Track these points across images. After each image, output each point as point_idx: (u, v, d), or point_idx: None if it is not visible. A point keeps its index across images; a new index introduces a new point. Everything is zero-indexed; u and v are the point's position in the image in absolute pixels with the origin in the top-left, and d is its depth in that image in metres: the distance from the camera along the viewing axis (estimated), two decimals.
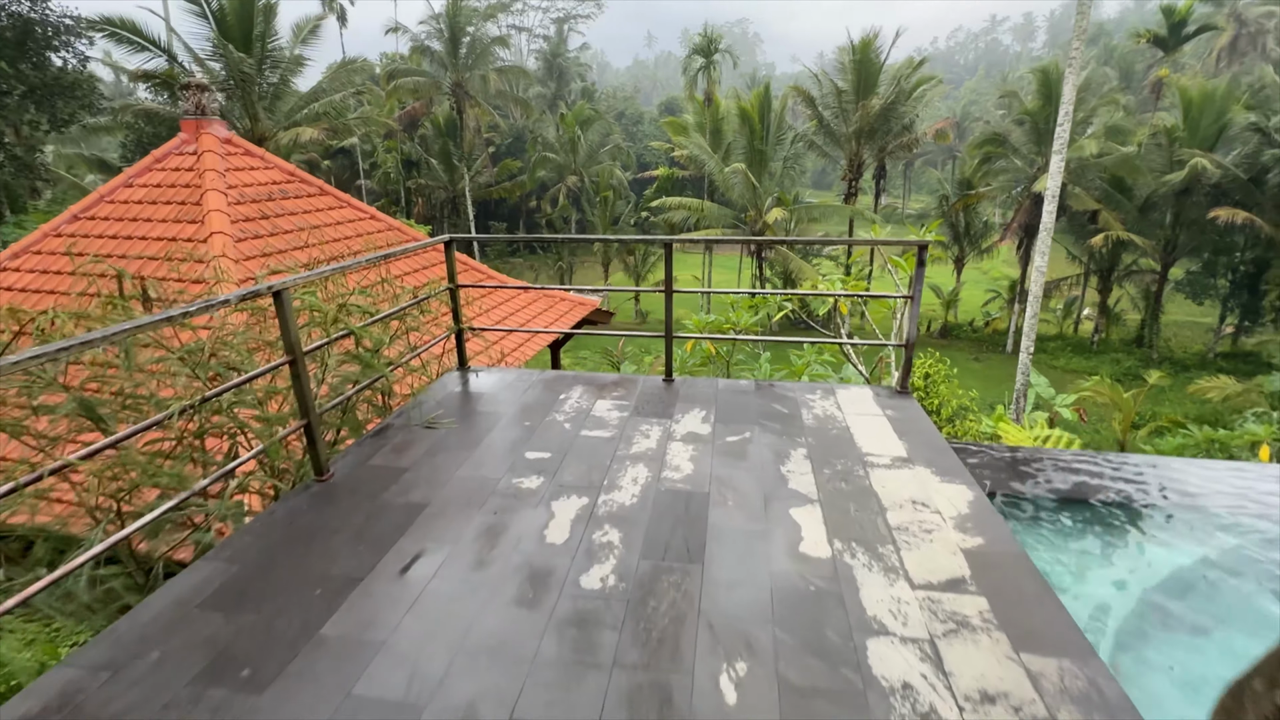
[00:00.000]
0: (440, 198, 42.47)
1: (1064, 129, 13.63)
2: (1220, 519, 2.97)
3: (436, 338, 3.77)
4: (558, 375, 3.55)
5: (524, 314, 9.07)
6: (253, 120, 23.71)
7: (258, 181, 7.35)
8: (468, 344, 4.42)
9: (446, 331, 3.86)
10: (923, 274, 3.12)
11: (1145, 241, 29.00)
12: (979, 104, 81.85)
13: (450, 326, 3.86)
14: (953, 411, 12.56)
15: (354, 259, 2.95)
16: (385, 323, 3.34)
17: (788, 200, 34.14)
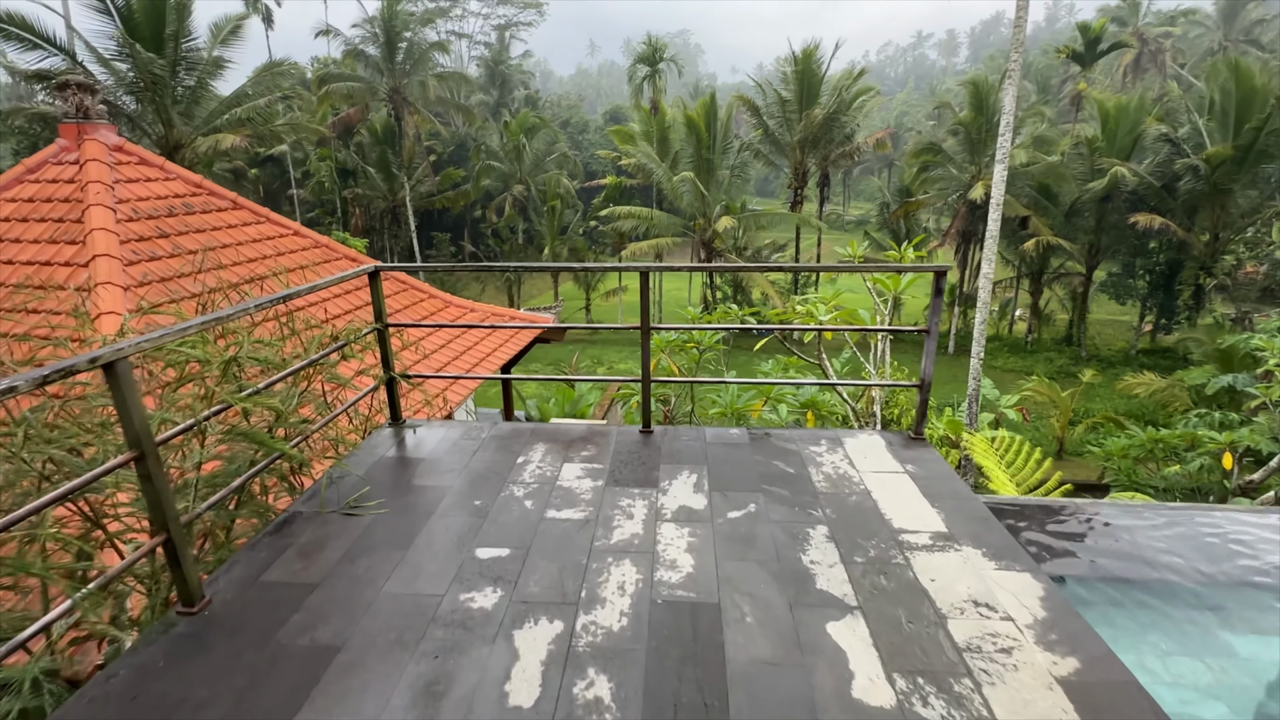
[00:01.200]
0: (380, 207, 40.72)
1: (1005, 139, 13.89)
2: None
3: (361, 392, 3.07)
4: (513, 430, 2.93)
5: (470, 336, 8.34)
6: (167, 126, 21.89)
7: (155, 195, 6.39)
8: (405, 390, 3.75)
9: (375, 383, 3.16)
10: (940, 305, 2.70)
11: (1072, 245, 30.49)
12: (910, 115, 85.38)
13: (379, 375, 3.17)
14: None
15: (240, 306, 2.26)
16: (295, 378, 2.66)
17: (735, 208, 34.30)
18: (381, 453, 2.78)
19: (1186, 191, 26.75)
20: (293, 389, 2.62)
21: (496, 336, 8.68)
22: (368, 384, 3.21)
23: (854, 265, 2.73)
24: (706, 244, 33.79)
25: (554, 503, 2.30)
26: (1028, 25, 14.04)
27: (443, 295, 8.87)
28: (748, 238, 36.58)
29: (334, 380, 2.83)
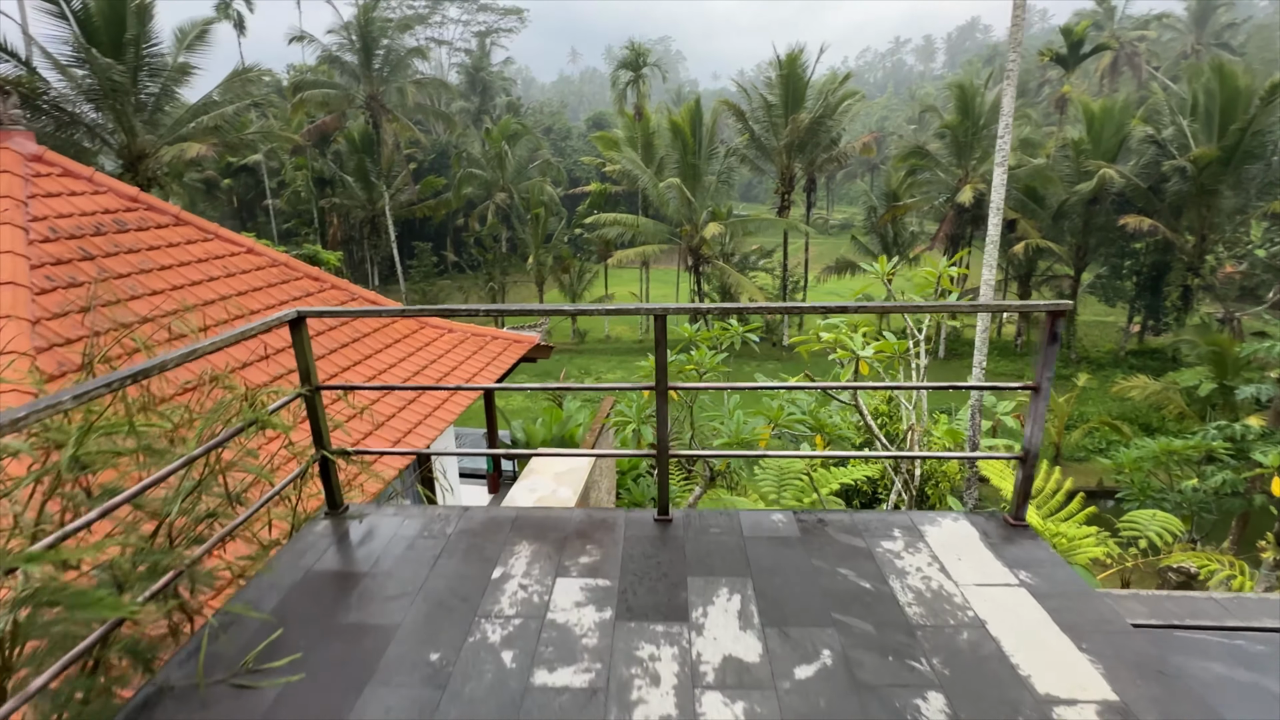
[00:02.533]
0: (358, 217, 39.71)
1: (1005, 140, 13.44)
2: None
3: (279, 484, 2.28)
4: (489, 521, 2.21)
5: (447, 361, 7.59)
6: (129, 135, 20.87)
7: (80, 211, 5.59)
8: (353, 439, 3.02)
9: (298, 469, 2.43)
10: (1054, 353, 2.06)
11: (1060, 248, 30.38)
12: (891, 119, 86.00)
13: (310, 454, 2.38)
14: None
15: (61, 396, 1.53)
16: (187, 470, 1.93)
17: (722, 214, 33.82)
18: (310, 561, 2.04)
19: (1174, 193, 26.70)
20: (180, 489, 1.88)
21: (476, 360, 7.94)
22: (300, 460, 2.48)
23: (941, 305, 2.01)
24: (694, 250, 33.25)
25: (544, 654, 1.59)
26: (1002, 31, 13.60)
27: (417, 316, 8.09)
28: (735, 243, 36.14)
29: (248, 471, 2.10)
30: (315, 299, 6.99)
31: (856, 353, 3.31)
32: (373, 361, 6.74)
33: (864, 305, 2.21)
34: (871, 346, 3.36)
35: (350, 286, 7.58)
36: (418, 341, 7.68)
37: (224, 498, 2.05)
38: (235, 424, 2.11)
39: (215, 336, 1.93)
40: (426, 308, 1.97)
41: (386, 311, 1.99)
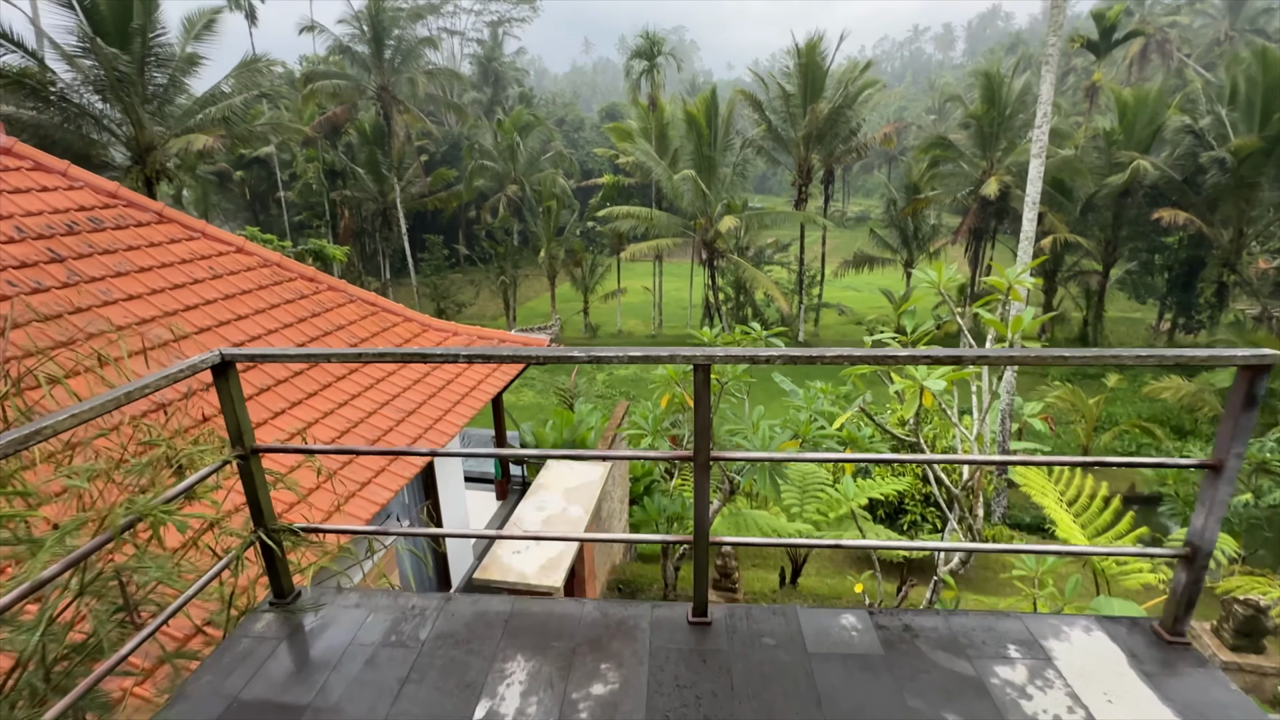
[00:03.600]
0: (370, 210, 39.46)
1: (1042, 131, 12.70)
2: None
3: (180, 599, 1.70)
4: (476, 618, 1.67)
5: (451, 367, 7.10)
6: (136, 127, 20.61)
7: (51, 209, 5.15)
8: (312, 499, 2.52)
9: (231, 553, 1.84)
10: (1249, 423, 1.51)
11: (1088, 242, 29.34)
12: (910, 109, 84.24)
13: (246, 533, 1.83)
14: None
15: None
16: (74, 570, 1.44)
17: (737, 207, 33.10)
18: (236, 685, 1.50)
19: (1211, 185, 25.57)
20: (42, 612, 1.38)
21: (478, 370, 7.45)
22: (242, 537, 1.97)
23: (1153, 353, 1.38)
24: (708, 244, 32.58)
25: None
26: (1024, 18, 12.82)
27: (419, 318, 7.64)
28: (750, 237, 35.42)
29: (150, 576, 1.59)
30: (310, 300, 6.53)
31: (921, 382, 2.76)
32: (371, 369, 6.27)
33: (958, 354, 1.66)
34: (938, 374, 2.80)
35: (348, 288, 7.12)
36: (420, 346, 7.20)
37: (113, 611, 1.55)
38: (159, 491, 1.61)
39: (108, 393, 1.43)
40: (388, 351, 1.46)
41: (331, 355, 1.48)
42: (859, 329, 38.74)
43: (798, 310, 35.13)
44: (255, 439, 1.67)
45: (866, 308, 43.60)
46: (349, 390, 5.84)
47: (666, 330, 39.31)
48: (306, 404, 5.43)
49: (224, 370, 1.57)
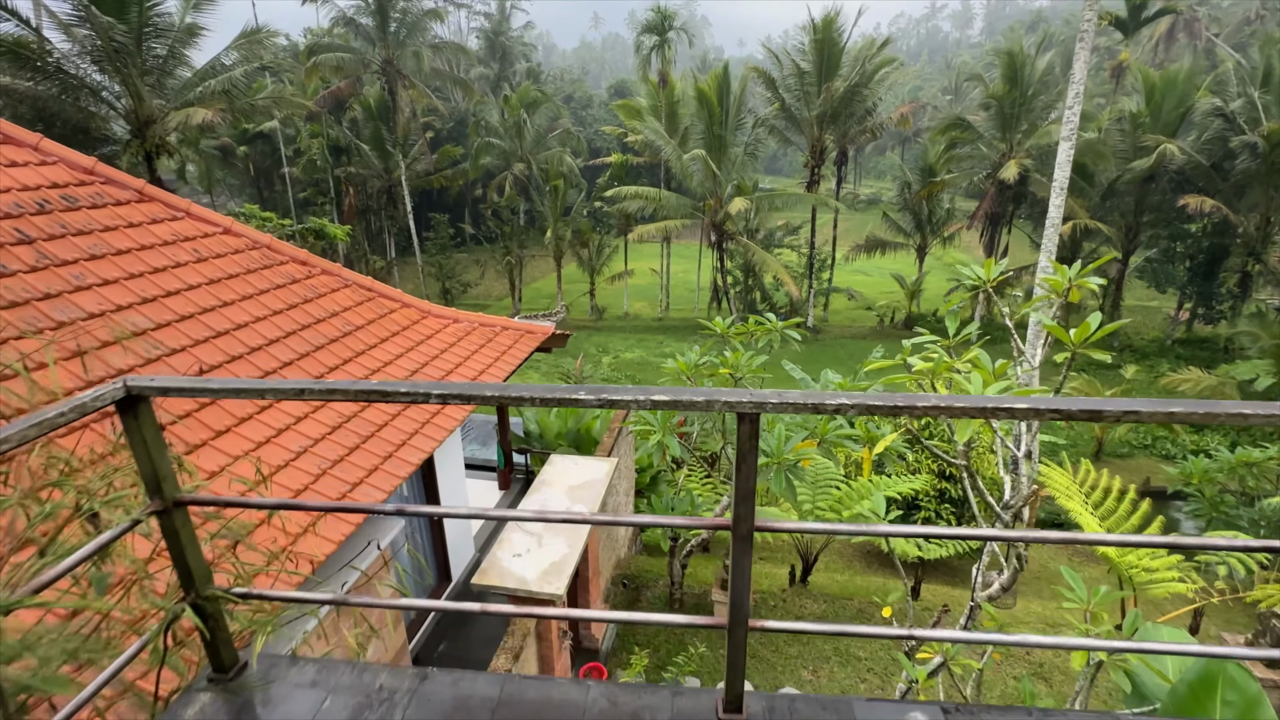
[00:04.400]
0: (375, 187, 38.93)
1: (1074, 112, 12.09)
2: None
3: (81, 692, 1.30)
4: (457, 702, 1.35)
5: (451, 356, 6.78)
6: (135, 99, 20.16)
7: (20, 186, 4.80)
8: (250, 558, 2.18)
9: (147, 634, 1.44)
10: None
11: (1108, 229, 28.59)
12: (926, 89, 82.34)
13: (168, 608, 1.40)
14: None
15: None
16: None
17: (748, 188, 32.43)
18: None
19: (1240, 171, 24.73)
20: None
21: (484, 354, 7.12)
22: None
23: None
24: (717, 226, 31.99)
25: None
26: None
27: (417, 304, 7.29)
28: (760, 219, 34.75)
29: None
30: (301, 285, 6.18)
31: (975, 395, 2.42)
32: (365, 359, 5.95)
33: (1064, 406, 1.29)
34: (996, 389, 2.42)
35: (342, 271, 6.76)
36: (418, 334, 6.87)
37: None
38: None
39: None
40: (339, 386, 1.12)
41: (257, 390, 1.13)
42: (869, 314, 38.18)
43: (807, 295, 34.56)
44: (179, 485, 1.33)
45: (877, 293, 42.94)
46: (357, 371, 5.51)
47: (673, 314, 38.85)
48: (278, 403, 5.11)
49: (132, 406, 1.22)
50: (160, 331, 4.74)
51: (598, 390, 1.10)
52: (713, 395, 1.09)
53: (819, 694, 1.43)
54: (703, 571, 9.46)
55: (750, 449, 1.13)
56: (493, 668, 4.78)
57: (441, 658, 7.39)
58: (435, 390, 1.10)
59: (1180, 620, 7.91)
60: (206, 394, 1.22)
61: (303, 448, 4.73)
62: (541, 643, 5.42)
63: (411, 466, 5.12)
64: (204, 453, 4.27)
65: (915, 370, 2.95)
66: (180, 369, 4.62)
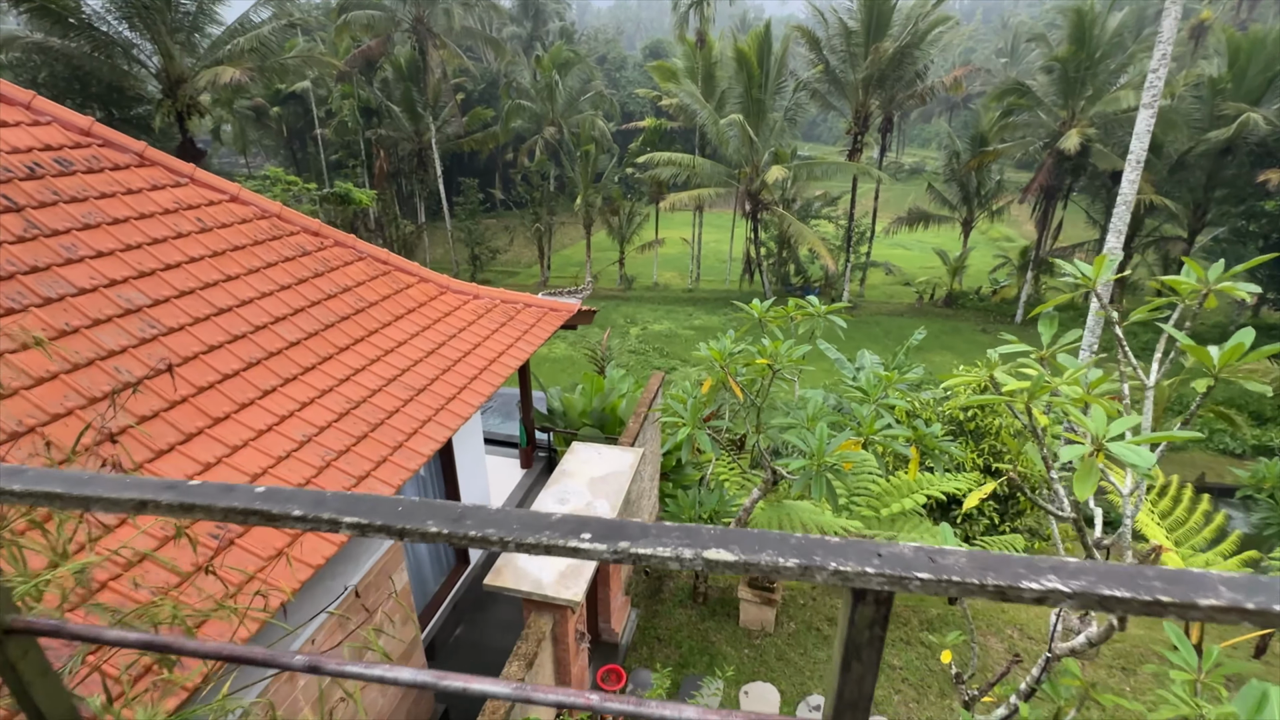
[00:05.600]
0: (405, 150, 38.56)
1: (1159, 75, 10.93)
2: None
3: None
4: None
5: (470, 334, 6.39)
6: (166, 57, 19.97)
7: (11, 147, 4.48)
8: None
9: None
10: None
11: (1176, 205, 26.67)
12: (978, 52, 77.73)
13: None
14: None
15: None
16: None
17: (786, 156, 31.13)
18: None
19: None
20: None
21: (505, 334, 6.71)
22: None
23: None
24: (752, 195, 30.89)
25: None
26: None
27: (437, 279, 6.89)
28: (797, 189, 33.41)
29: None
30: (312, 258, 5.82)
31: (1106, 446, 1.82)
32: (377, 339, 5.59)
33: None
34: (1125, 425, 1.88)
35: (357, 243, 6.38)
36: (436, 311, 6.49)
37: None
38: None
39: None
40: (187, 503, 0.67)
41: (94, 501, 0.72)
42: (907, 290, 36.77)
43: (844, 269, 33.34)
44: (18, 608, 0.93)
45: (916, 268, 41.32)
46: (351, 364, 5.18)
47: (704, 285, 38.03)
48: (302, 380, 4.79)
49: None
50: (157, 309, 4.42)
51: (612, 534, 0.64)
52: (809, 551, 0.62)
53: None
54: None
55: (871, 640, 0.66)
56: (506, 674, 4.48)
57: (458, 643, 7.22)
58: (346, 520, 0.65)
59: (1249, 641, 7.29)
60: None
61: (306, 436, 4.41)
62: (558, 645, 5.12)
63: (423, 458, 4.78)
64: (199, 441, 3.97)
65: (1006, 390, 2.41)
66: (177, 349, 4.31)
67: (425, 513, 0.70)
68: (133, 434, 3.73)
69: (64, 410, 3.57)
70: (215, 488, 0.75)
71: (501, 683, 0.82)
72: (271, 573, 3.50)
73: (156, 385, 4.03)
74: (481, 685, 0.83)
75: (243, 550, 3.58)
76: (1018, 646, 7.00)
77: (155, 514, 0.75)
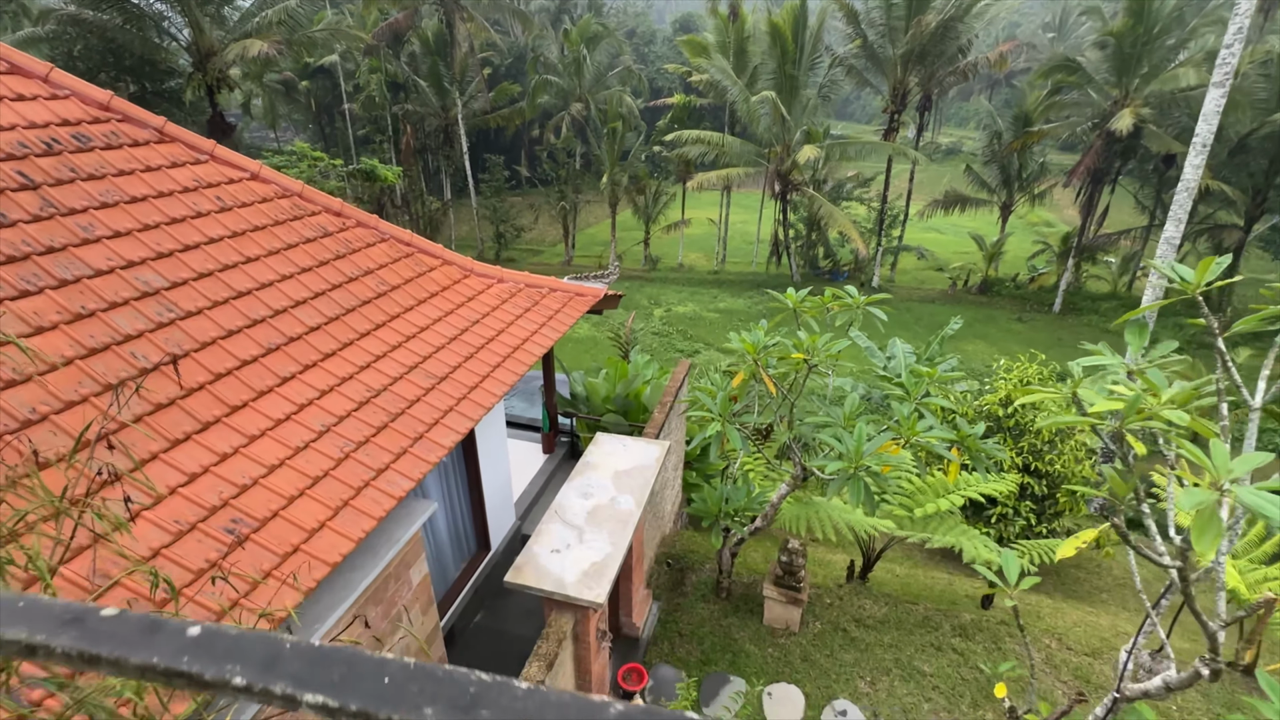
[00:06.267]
0: (432, 125, 38.34)
1: (1233, 52, 10.14)
2: None
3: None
4: None
5: (494, 320, 6.20)
6: (195, 30, 19.95)
7: (28, 121, 4.35)
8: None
9: None
10: None
11: (1233, 191, 25.26)
12: (1024, 26, 74.25)
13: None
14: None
15: None
16: None
17: (818, 135, 30.16)
18: None
19: None
20: None
21: (529, 319, 6.51)
22: None
23: None
24: (783, 175, 30.10)
25: None
26: None
27: (461, 262, 6.70)
28: (829, 169, 32.42)
29: None
30: (334, 239, 5.66)
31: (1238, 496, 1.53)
32: (399, 324, 5.43)
33: None
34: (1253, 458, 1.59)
35: (380, 224, 6.20)
36: (460, 295, 6.31)
37: None
38: None
39: None
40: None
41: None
42: (939, 276, 35.71)
43: (874, 252, 32.45)
44: None
45: (950, 253, 40.12)
46: (372, 350, 5.03)
47: (730, 267, 37.42)
48: (321, 367, 4.65)
49: None
50: (175, 291, 4.30)
51: None
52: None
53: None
54: (753, 556, 8.92)
55: None
56: (525, 675, 4.35)
57: (478, 629, 7.17)
58: (310, 692, 0.42)
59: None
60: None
61: (325, 426, 4.28)
62: (578, 644, 4.98)
63: (443, 450, 4.63)
64: (217, 430, 3.85)
65: (1093, 410, 2.12)
66: (195, 335, 4.18)
67: (423, 690, 0.48)
68: (148, 422, 3.61)
69: (78, 397, 3.47)
70: (136, 626, 0.54)
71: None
72: (283, 570, 3.38)
73: (172, 371, 3.90)
74: None
75: (258, 546, 3.46)
76: (1056, 658, 6.71)
77: (47, 660, 0.53)
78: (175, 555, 3.21)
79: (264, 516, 3.58)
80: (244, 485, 3.66)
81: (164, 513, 3.34)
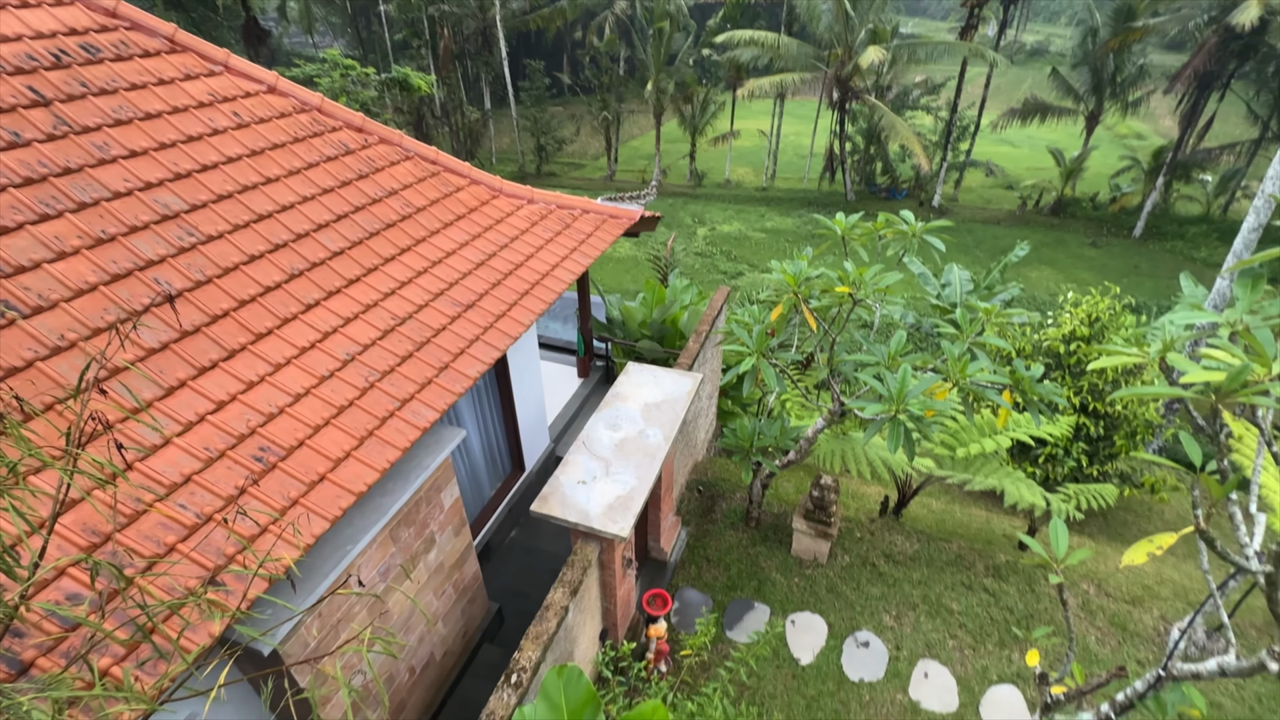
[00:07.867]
0: (469, 28, 36.48)
1: None
2: None
3: None
4: None
5: (523, 244, 5.97)
6: None
7: (35, 31, 4.17)
8: None
9: None
10: None
11: None
12: None
13: None
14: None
15: None
16: None
17: (885, 34, 27.32)
18: None
19: None
20: None
21: (561, 242, 6.25)
22: None
23: None
24: (842, 82, 27.75)
25: None
26: None
27: (489, 181, 6.40)
28: (894, 74, 29.62)
29: None
30: (355, 158, 5.43)
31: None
32: (425, 248, 5.26)
33: None
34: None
35: (404, 140, 5.91)
36: (488, 217, 6.06)
37: None
38: None
39: None
40: None
41: None
42: (1008, 195, 33.07)
43: (938, 168, 30.10)
44: None
45: (1022, 169, 36.97)
46: (397, 276, 4.91)
47: (779, 183, 35.54)
48: (345, 294, 4.57)
49: None
50: (195, 214, 4.20)
51: None
52: None
53: None
54: (785, 487, 8.89)
55: None
56: (549, 602, 4.48)
57: (512, 545, 7.46)
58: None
59: None
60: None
61: (350, 355, 4.24)
62: (604, 570, 5.08)
63: (469, 380, 4.56)
64: (243, 358, 3.85)
65: (1185, 379, 1.79)
66: (216, 260, 4.11)
67: None
68: (174, 350, 3.62)
69: (104, 324, 3.47)
70: None
71: None
72: (310, 499, 3.43)
73: (197, 297, 3.88)
74: None
75: (284, 474, 3.51)
76: (1093, 603, 6.55)
77: None
78: (206, 481, 3.28)
79: (290, 445, 3.61)
80: (270, 414, 3.68)
81: (194, 439, 3.40)
